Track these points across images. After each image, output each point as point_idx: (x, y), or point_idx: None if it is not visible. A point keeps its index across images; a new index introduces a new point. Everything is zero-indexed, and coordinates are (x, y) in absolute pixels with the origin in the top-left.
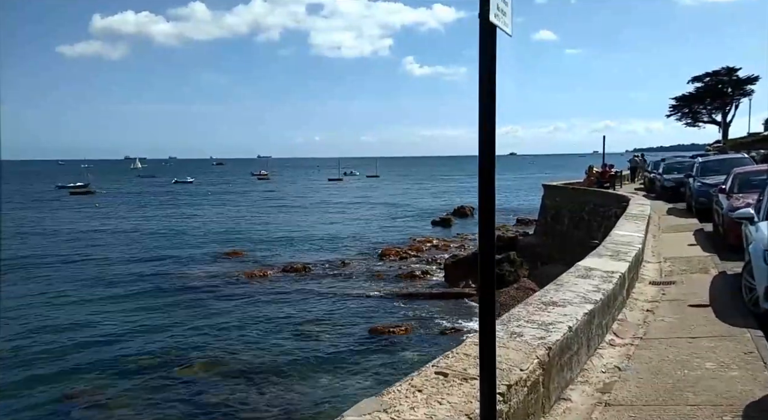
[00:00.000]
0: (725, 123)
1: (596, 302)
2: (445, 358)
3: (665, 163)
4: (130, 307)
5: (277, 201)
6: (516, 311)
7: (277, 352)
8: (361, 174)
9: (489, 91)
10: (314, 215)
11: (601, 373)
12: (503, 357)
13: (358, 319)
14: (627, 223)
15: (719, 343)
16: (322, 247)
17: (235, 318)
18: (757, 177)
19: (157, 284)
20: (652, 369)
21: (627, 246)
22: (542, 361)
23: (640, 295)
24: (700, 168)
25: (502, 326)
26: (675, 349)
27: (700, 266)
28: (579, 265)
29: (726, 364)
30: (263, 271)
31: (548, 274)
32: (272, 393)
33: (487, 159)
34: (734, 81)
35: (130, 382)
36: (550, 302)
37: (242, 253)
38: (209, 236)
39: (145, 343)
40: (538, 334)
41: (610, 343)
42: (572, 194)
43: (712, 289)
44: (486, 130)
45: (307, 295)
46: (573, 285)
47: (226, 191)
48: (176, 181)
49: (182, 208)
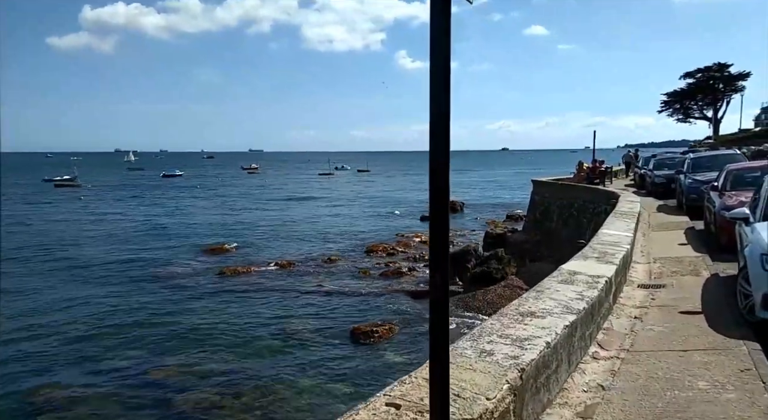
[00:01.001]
0: (716, 119)
1: (579, 312)
2: (401, 385)
3: (656, 159)
4: (104, 304)
5: (266, 195)
6: (489, 324)
7: (256, 354)
8: (353, 168)
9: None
10: (302, 210)
11: (582, 393)
12: (468, 382)
13: (342, 318)
14: (616, 221)
15: (713, 358)
16: (308, 243)
17: (215, 316)
18: (751, 174)
19: (135, 281)
20: (639, 388)
21: (615, 247)
22: (514, 385)
23: (628, 300)
24: (691, 164)
25: (472, 342)
26: (664, 364)
27: (691, 268)
28: (562, 269)
29: (721, 383)
30: (247, 268)
31: (536, 271)
32: (249, 397)
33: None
34: (725, 77)
35: (100, 385)
36: (528, 313)
37: (226, 249)
38: (193, 231)
39: (118, 343)
40: (512, 352)
41: (593, 355)
42: (561, 190)
43: (705, 294)
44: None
45: (290, 292)
46: (555, 292)
47: (214, 185)
48: (165, 175)
49: (168, 201)
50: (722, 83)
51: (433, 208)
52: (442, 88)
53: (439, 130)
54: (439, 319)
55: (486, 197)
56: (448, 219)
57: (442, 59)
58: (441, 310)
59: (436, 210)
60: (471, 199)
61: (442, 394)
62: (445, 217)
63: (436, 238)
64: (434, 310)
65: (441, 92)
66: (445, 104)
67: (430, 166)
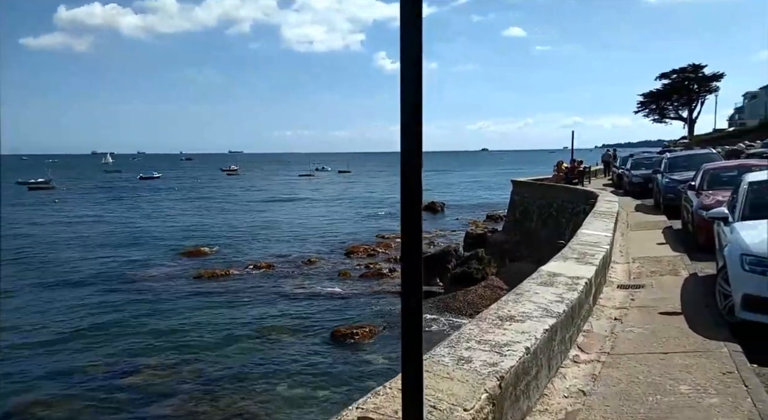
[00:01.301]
0: (691, 119)
1: (559, 315)
2: (374, 397)
3: (633, 158)
4: (77, 309)
5: (245, 197)
6: (467, 329)
7: (233, 358)
8: (333, 169)
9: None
10: (282, 211)
11: (563, 399)
12: (445, 392)
13: (321, 320)
14: (595, 221)
15: (694, 361)
16: (288, 245)
17: (191, 320)
18: (727, 173)
19: (109, 285)
20: (621, 393)
21: (594, 247)
22: (492, 394)
23: (608, 302)
24: (668, 164)
25: (449, 349)
26: (645, 368)
27: (669, 267)
28: (542, 271)
29: (703, 387)
30: (225, 270)
31: (516, 271)
32: (225, 402)
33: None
34: (700, 78)
35: (70, 391)
36: (507, 317)
37: (204, 252)
38: (170, 234)
39: (90, 349)
40: (491, 358)
41: (574, 359)
42: (540, 190)
43: (684, 294)
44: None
45: (269, 295)
46: (534, 294)
47: (192, 187)
48: (142, 177)
49: (145, 204)
50: (697, 84)
51: (406, 213)
52: (413, 89)
53: (410, 131)
54: (412, 326)
55: (466, 198)
56: (421, 224)
57: (414, 58)
58: (414, 320)
59: (408, 215)
60: (452, 199)
61: (416, 407)
62: (418, 223)
63: (409, 244)
64: (406, 323)
65: (413, 91)
66: (416, 96)
67: (402, 169)
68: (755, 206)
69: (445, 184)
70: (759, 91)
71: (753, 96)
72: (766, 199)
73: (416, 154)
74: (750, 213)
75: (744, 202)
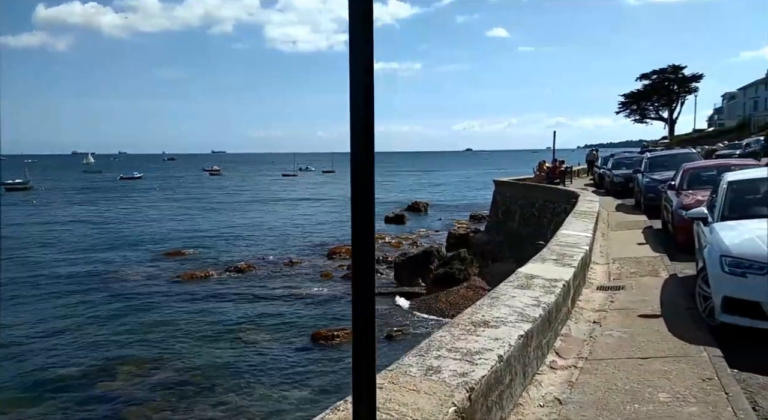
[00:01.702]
0: (671, 119)
1: (535, 320)
2: (333, 413)
3: (614, 158)
4: (52, 312)
5: (227, 198)
6: (438, 336)
7: (211, 362)
8: (317, 169)
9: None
10: (264, 212)
11: (538, 408)
12: (410, 407)
13: (301, 322)
14: (575, 221)
15: (673, 366)
16: (269, 246)
17: (169, 324)
18: (707, 173)
19: (86, 287)
20: (598, 402)
21: (573, 248)
22: (461, 408)
23: (587, 304)
24: (649, 163)
25: (418, 358)
26: (624, 374)
27: (649, 268)
28: (519, 273)
29: (682, 394)
30: (205, 272)
31: (498, 271)
32: (202, 405)
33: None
34: (679, 79)
35: (45, 397)
36: (480, 322)
37: (184, 253)
38: (150, 235)
39: (66, 353)
40: (461, 368)
41: (551, 365)
42: (522, 190)
43: (664, 295)
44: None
45: (249, 297)
46: (510, 298)
47: (174, 187)
48: (122, 178)
49: (125, 205)
50: (676, 84)
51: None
52: (362, 93)
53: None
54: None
55: (450, 198)
56: (374, 229)
57: (364, 53)
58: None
59: (359, 218)
60: (435, 199)
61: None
62: (371, 227)
63: (359, 249)
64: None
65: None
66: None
67: (352, 169)
68: (735, 206)
69: (429, 184)
70: (737, 92)
71: (732, 97)
72: (745, 198)
73: (367, 158)
74: (729, 213)
75: (723, 202)
